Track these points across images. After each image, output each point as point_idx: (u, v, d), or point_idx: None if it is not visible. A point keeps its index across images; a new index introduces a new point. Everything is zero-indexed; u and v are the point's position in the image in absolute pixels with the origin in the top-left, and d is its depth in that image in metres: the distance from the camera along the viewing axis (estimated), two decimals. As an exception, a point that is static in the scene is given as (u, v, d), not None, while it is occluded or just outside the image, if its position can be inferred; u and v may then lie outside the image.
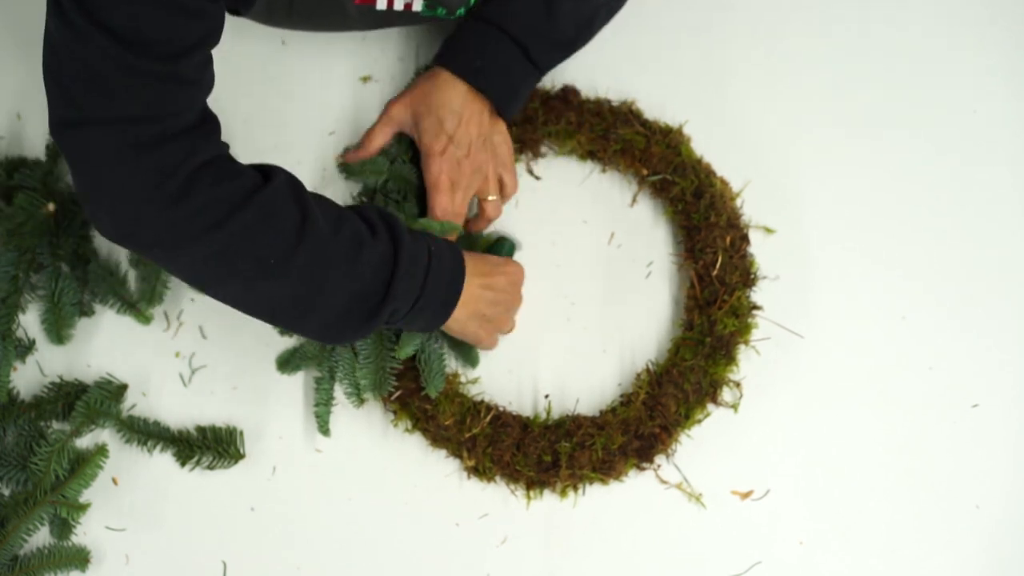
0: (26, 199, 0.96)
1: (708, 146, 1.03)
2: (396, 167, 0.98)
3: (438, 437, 0.95)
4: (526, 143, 1.02)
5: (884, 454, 0.99)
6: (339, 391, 0.96)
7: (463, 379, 0.98)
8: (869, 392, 1.00)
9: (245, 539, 0.96)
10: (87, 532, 0.96)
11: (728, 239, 0.97)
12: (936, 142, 1.06)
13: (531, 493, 0.96)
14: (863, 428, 0.99)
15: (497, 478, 0.96)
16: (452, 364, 0.98)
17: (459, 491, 0.97)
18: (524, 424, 0.96)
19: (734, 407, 0.98)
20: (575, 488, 0.96)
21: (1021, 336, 1.02)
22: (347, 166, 1.01)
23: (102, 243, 1.01)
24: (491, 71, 0.93)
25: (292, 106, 1.03)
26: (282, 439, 0.98)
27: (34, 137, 1.03)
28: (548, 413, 0.98)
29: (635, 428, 0.94)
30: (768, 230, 1.02)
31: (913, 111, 1.06)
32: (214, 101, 1.03)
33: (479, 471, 0.96)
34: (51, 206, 0.97)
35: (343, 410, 0.97)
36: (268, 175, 0.77)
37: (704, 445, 0.97)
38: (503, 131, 0.98)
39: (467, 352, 0.97)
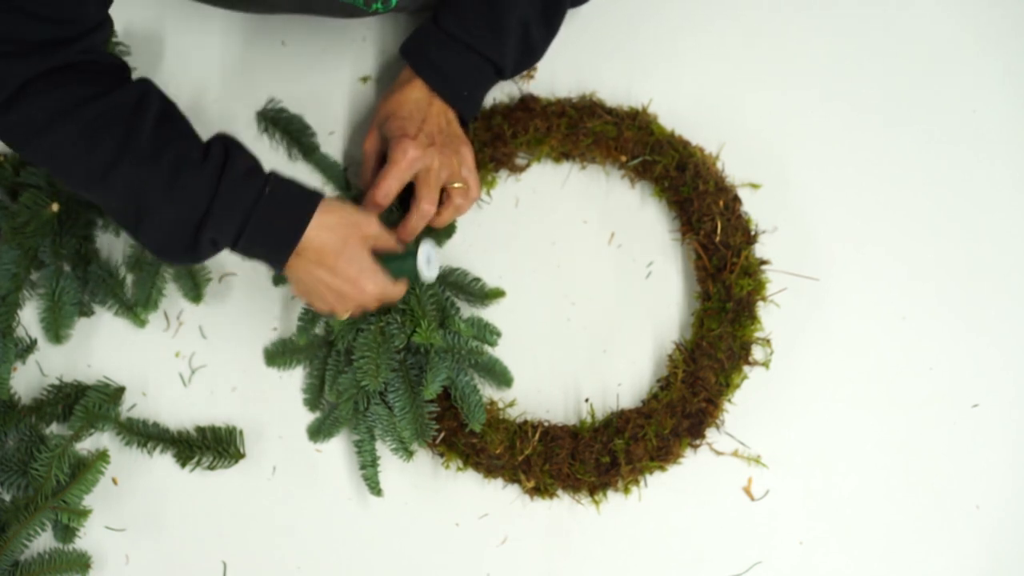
0: (31, 197, 0.96)
1: (676, 119, 1.03)
2: None
3: (492, 467, 0.95)
4: (499, 160, 1.01)
5: (884, 454, 0.99)
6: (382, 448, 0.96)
7: (500, 404, 0.98)
8: (869, 392, 1.00)
9: (245, 539, 0.96)
10: (87, 533, 0.96)
11: (721, 203, 0.98)
12: (935, 142, 1.06)
13: (596, 497, 0.96)
14: (863, 428, 0.99)
15: (559, 491, 0.96)
16: (487, 392, 0.98)
17: (459, 491, 0.97)
18: (573, 432, 0.95)
19: (765, 364, 0.98)
20: (636, 482, 0.96)
21: (1021, 336, 1.02)
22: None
23: (103, 244, 1.01)
24: (457, 83, 0.93)
25: (292, 106, 1.03)
26: (282, 439, 0.98)
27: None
28: (592, 416, 0.98)
29: (681, 408, 0.94)
30: (754, 186, 1.03)
31: (912, 110, 1.06)
32: (215, 103, 1.04)
33: (540, 490, 0.95)
34: (55, 206, 0.97)
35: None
36: (120, 86, 0.81)
37: (749, 408, 0.98)
38: (463, 134, 0.95)
39: (499, 375, 0.96)
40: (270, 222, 0.83)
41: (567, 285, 1.02)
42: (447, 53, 0.92)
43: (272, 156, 1.03)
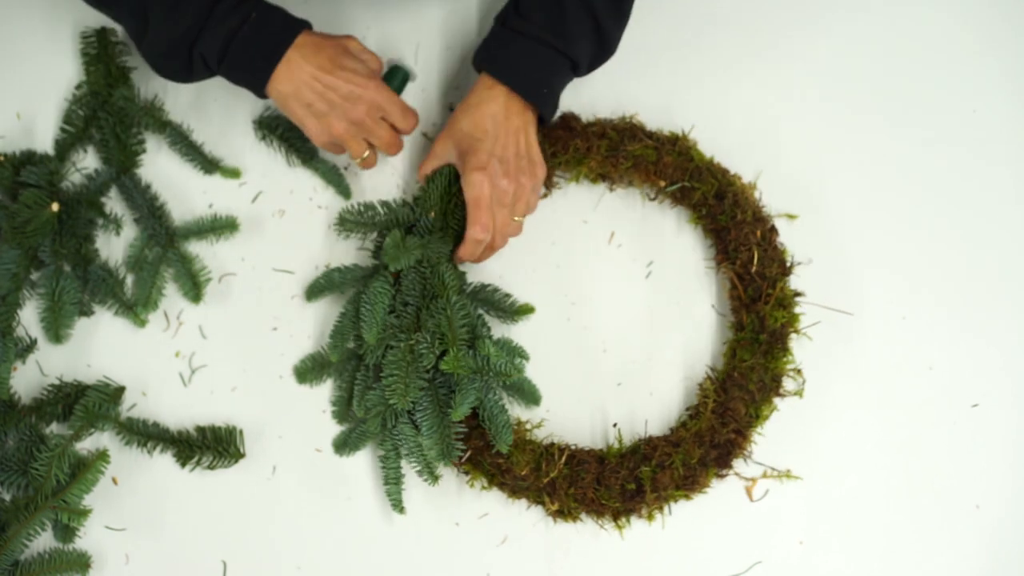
0: (31, 197, 0.96)
1: (713, 145, 1.03)
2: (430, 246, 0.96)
3: (516, 488, 0.94)
4: None
5: (884, 454, 0.99)
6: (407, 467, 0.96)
7: (528, 425, 0.97)
8: (869, 392, 1.00)
9: (245, 539, 0.96)
10: (87, 532, 0.96)
11: (759, 233, 0.97)
12: (936, 142, 1.06)
13: (619, 523, 0.96)
14: (863, 428, 0.99)
15: (583, 515, 0.95)
16: (514, 411, 0.97)
17: (459, 491, 0.97)
18: (600, 457, 0.95)
19: (798, 394, 0.98)
20: (660, 509, 0.96)
21: (1021, 336, 1.02)
22: (380, 252, 0.98)
23: (103, 244, 1.01)
24: (535, 83, 0.92)
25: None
26: (282, 439, 0.98)
27: (43, 132, 1.03)
28: (620, 441, 0.98)
29: (710, 438, 0.94)
30: (791, 216, 1.03)
31: (912, 111, 1.07)
32: (215, 103, 1.04)
33: (563, 513, 0.95)
34: (55, 206, 0.97)
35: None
36: None
37: (774, 434, 0.98)
38: (539, 155, 0.96)
39: (527, 394, 0.95)
40: (253, 43, 0.89)
41: (567, 285, 1.02)
42: (517, 49, 0.92)
43: (270, 162, 1.03)
